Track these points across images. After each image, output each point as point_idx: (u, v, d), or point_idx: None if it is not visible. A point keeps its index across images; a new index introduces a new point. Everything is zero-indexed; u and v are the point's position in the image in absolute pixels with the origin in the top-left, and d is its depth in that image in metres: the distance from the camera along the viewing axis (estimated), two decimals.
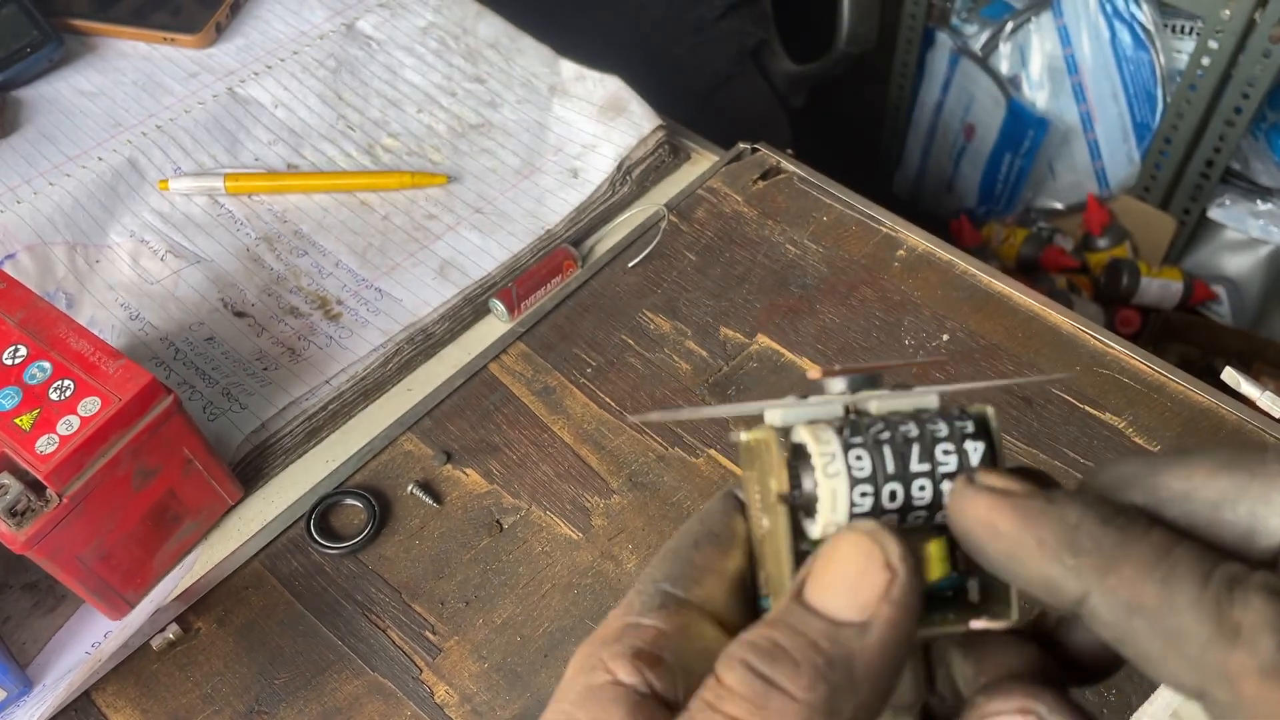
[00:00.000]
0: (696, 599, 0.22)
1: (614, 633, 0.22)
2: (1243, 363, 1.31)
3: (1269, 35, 1.17)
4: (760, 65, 1.22)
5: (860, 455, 0.22)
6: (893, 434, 0.22)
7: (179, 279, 0.64)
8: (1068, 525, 0.20)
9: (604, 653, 0.21)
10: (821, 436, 0.22)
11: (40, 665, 0.51)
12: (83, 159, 0.69)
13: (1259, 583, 0.18)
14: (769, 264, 0.66)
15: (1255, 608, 0.18)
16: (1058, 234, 1.55)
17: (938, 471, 0.22)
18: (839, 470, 0.22)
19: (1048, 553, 0.20)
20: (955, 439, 0.22)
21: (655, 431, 0.58)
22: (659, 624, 0.22)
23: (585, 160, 0.71)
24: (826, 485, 0.22)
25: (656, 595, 0.22)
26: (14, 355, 0.47)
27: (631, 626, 0.22)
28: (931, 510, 0.22)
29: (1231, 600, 0.18)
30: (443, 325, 0.63)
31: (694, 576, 0.23)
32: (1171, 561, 0.19)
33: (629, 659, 0.21)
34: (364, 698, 0.50)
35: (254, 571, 0.54)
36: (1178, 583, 0.18)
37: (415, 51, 0.78)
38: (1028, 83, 1.46)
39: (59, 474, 0.45)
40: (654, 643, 0.21)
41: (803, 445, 0.22)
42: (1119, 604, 0.19)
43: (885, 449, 0.22)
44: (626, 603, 0.22)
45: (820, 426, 0.22)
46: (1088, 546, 0.19)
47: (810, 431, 0.22)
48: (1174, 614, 0.18)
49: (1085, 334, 0.61)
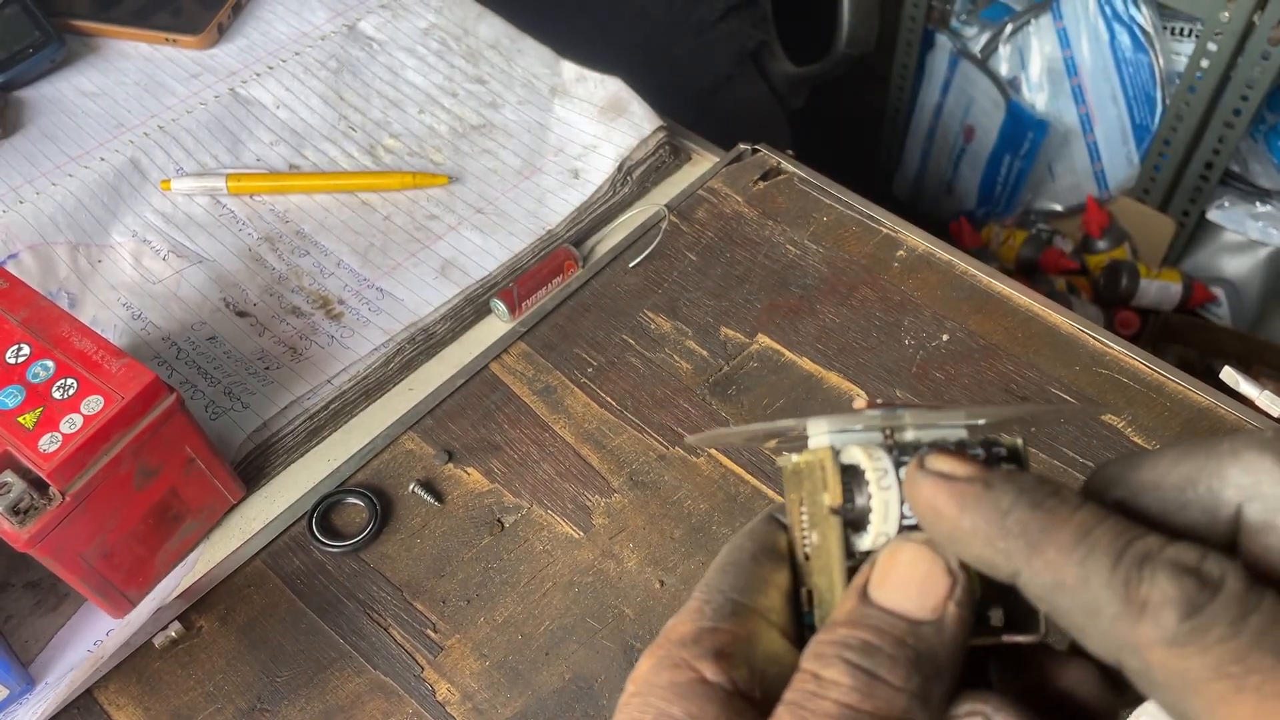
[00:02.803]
0: (761, 607, 0.24)
1: (690, 635, 0.23)
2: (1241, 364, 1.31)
3: (1268, 37, 1.17)
4: (760, 67, 1.22)
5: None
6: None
7: (181, 279, 0.64)
8: (1000, 511, 0.21)
9: (685, 653, 0.23)
10: (874, 454, 0.24)
11: (43, 663, 0.51)
12: (85, 159, 0.69)
13: (1168, 558, 0.20)
14: (769, 264, 0.66)
15: (1160, 584, 0.19)
16: (1057, 236, 1.55)
17: None
18: (891, 484, 0.24)
19: (980, 536, 0.22)
20: (992, 463, 0.24)
21: (656, 431, 0.58)
22: (733, 628, 0.23)
23: (586, 161, 0.71)
24: (880, 497, 0.23)
25: (727, 604, 0.24)
26: (17, 354, 0.47)
27: (708, 630, 0.23)
28: None
29: (1140, 577, 0.19)
30: (444, 325, 0.63)
31: (757, 587, 0.24)
32: (1090, 542, 0.20)
33: (712, 658, 0.22)
34: (365, 696, 0.50)
35: (256, 570, 0.54)
36: (1093, 563, 0.20)
37: (417, 52, 0.78)
38: (1027, 85, 1.46)
39: (62, 472, 0.45)
40: (731, 645, 0.23)
41: (854, 465, 0.24)
42: (1044, 583, 0.21)
43: None
44: (694, 609, 0.24)
45: (873, 447, 0.24)
46: (1015, 530, 0.21)
47: (864, 451, 0.24)
48: (1089, 591, 0.20)
49: (1085, 334, 0.61)
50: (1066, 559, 0.20)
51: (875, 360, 0.61)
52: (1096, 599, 0.20)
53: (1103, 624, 0.20)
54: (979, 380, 0.60)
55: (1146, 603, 0.19)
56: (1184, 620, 0.19)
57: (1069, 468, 0.55)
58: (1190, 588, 0.19)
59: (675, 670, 0.22)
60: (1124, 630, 0.19)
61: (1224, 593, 0.19)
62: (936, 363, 0.61)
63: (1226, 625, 0.18)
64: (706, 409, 0.59)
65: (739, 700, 0.22)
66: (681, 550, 0.54)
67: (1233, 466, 0.21)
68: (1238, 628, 0.18)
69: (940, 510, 0.22)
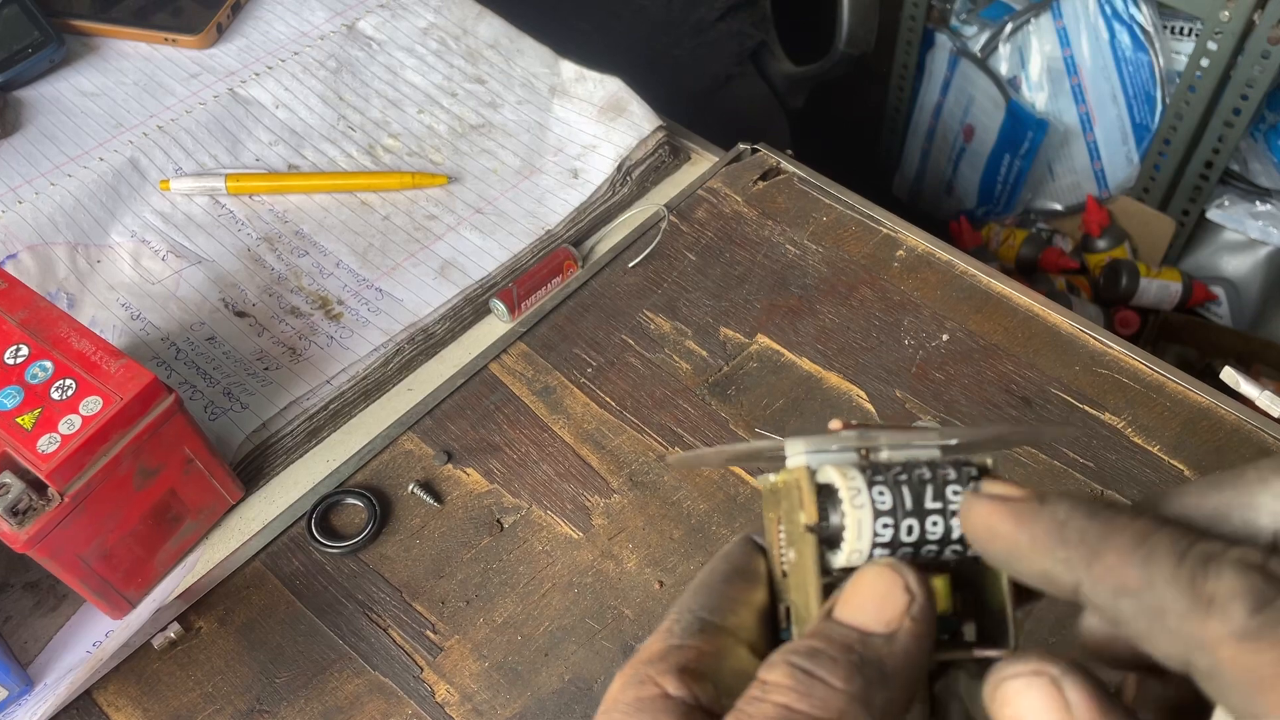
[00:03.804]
0: (731, 625, 0.25)
1: (658, 653, 0.24)
2: (1241, 364, 1.32)
3: (1268, 36, 1.17)
4: (760, 66, 1.22)
5: (883, 491, 0.24)
6: (909, 476, 0.25)
7: (180, 279, 0.64)
8: (1057, 522, 0.22)
9: (650, 670, 0.23)
10: (849, 474, 0.25)
11: (41, 664, 0.51)
12: (84, 159, 0.69)
13: (1233, 557, 0.19)
14: (769, 264, 0.66)
15: (1227, 579, 0.19)
16: (1057, 235, 1.55)
17: (948, 509, 0.25)
18: (864, 503, 0.24)
19: (1040, 548, 0.22)
20: (963, 481, 0.25)
21: (655, 431, 0.58)
22: (700, 645, 0.24)
23: (585, 161, 0.71)
24: (853, 515, 0.24)
25: (695, 622, 0.24)
26: (15, 355, 0.47)
27: (675, 648, 0.24)
28: (942, 545, 0.25)
29: (1206, 574, 0.19)
30: (443, 325, 0.63)
31: (728, 606, 0.25)
32: (1151, 545, 0.20)
33: (675, 674, 0.23)
34: (365, 697, 0.50)
35: (255, 571, 0.54)
36: (1156, 563, 0.20)
37: (416, 52, 0.78)
38: (1027, 84, 1.46)
39: (60, 473, 0.45)
40: (696, 661, 0.23)
41: (829, 484, 0.25)
42: (1107, 588, 0.21)
43: (904, 488, 0.25)
44: (665, 629, 0.25)
45: (847, 467, 0.25)
46: (1074, 539, 0.21)
47: (839, 471, 0.25)
48: (1154, 591, 0.20)
49: (1084, 334, 0.61)
50: (1128, 561, 0.20)
51: (875, 360, 0.61)
52: (1161, 598, 0.20)
53: (1170, 623, 0.19)
54: (979, 380, 0.60)
55: (1214, 598, 0.19)
56: (1254, 614, 0.18)
57: (1069, 468, 0.55)
58: (1258, 581, 0.19)
59: (640, 687, 0.23)
60: (1192, 627, 0.19)
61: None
62: (936, 363, 0.61)
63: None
64: (706, 409, 0.59)
65: (700, 714, 0.23)
66: (681, 551, 0.54)
67: (1263, 494, 0.21)
68: None
69: (996, 529, 0.23)
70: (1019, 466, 0.56)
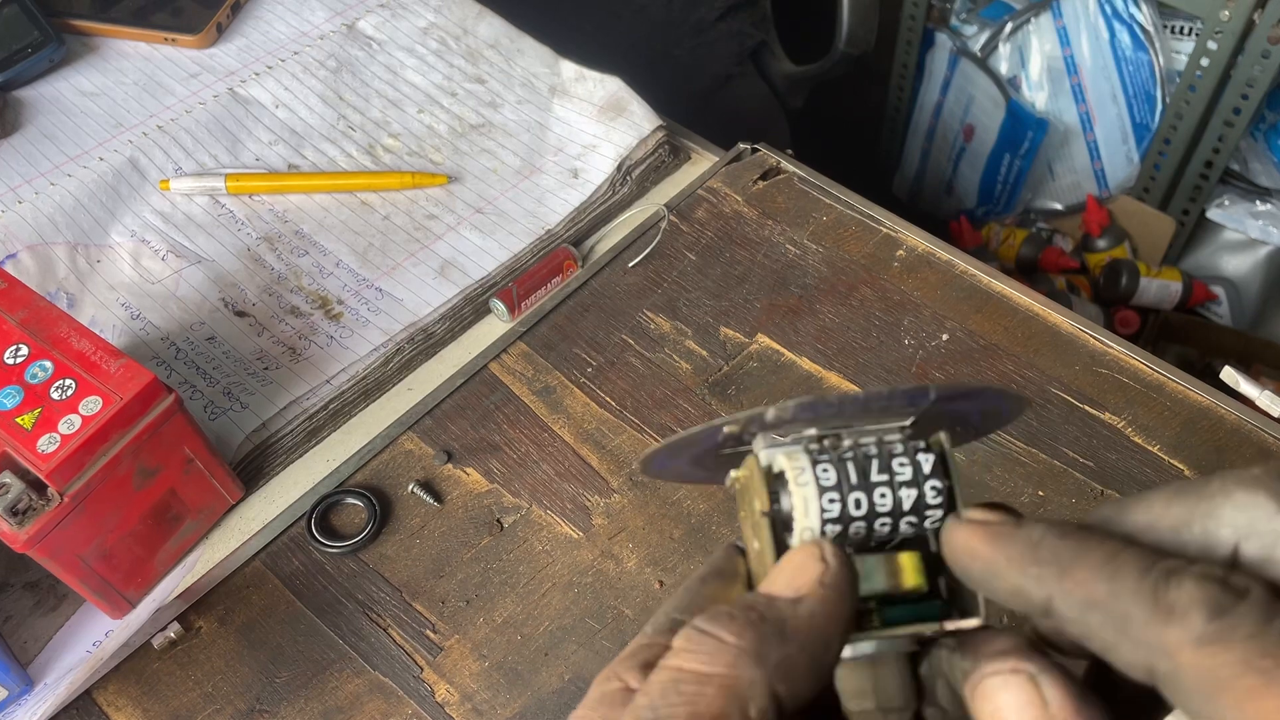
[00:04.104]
0: None
1: (629, 653, 0.25)
2: (1241, 363, 1.31)
3: (1268, 36, 1.17)
4: (760, 66, 1.22)
5: (826, 468, 0.26)
6: (855, 453, 0.26)
7: (180, 279, 0.64)
8: (1031, 543, 0.23)
9: (618, 668, 0.24)
10: (794, 457, 0.26)
11: (41, 664, 0.51)
12: (84, 159, 0.69)
13: (1194, 571, 0.21)
14: (769, 264, 0.66)
15: (1187, 589, 0.20)
16: (1057, 235, 1.55)
17: (895, 480, 0.26)
18: (808, 480, 0.25)
19: (1015, 566, 0.23)
20: (909, 454, 0.26)
21: (655, 431, 0.58)
22: (666, 641, 0.24)
23: (585, 160, 0.71)
24: (799, 494, 0.25)
25: (668, 621, 0.25)
26: (15, 355, 0.47)
27: (644, 646, 0.25)
28: (895, 517, 0.26)
29: (1168, 585, 0.20)
30: (443, 325, 0.63)
31: (700, 605, 0.26)
32: (1118, 562, 0.21)
33: (639, 669, 0.24)
34: (365, 696, 0.50)
35: (255, 571, 0.54)
36: (1122, 578, 0.21)
37: (416, 52, 0.78)
38: (1027, 84, 1.46)
39: (60, 473, 0.45)
40: (660, 656, 0.24)
41: (781, 471, 0.26)
42: (1076, 601, 0.22)
43: (848, 464, 0.26)
44: (641, 632, 0.25)
45: (793, 451, 0.26)
46: (1048, 558, 0.23)
47: (785, 454, 0.26)
48: (1119, 603, 0.21)
49: (1084, 334, 0.61)
50: (1096, 576, 0.21)
51: (875, 360, 0.61)
52: (1126, 609, 0.21)
53: (1133, 631, 0.20)
54: (979, 380, 0.60)
55: (1174, 606, 0.20)
56: (1211, 620, 0.19)
57: (1069, 468, 0.55)
58: (1216, 591, 0.20)
59: (607, 683, 0.24)
60: (1153, 635, 0.20)
61: (1251, 596, 0.19)
62: (936, 362, 0.61)
63: (1253, 624, 0.19)
64: (706, 409, 0.59)
65: None
66: (681, 550, 0.54)
67: (1225, 506, 0.22)
68: (1264, 626, 0.19)
69: (976, 550, 0.24)
70: (1018, 466, 0.56)
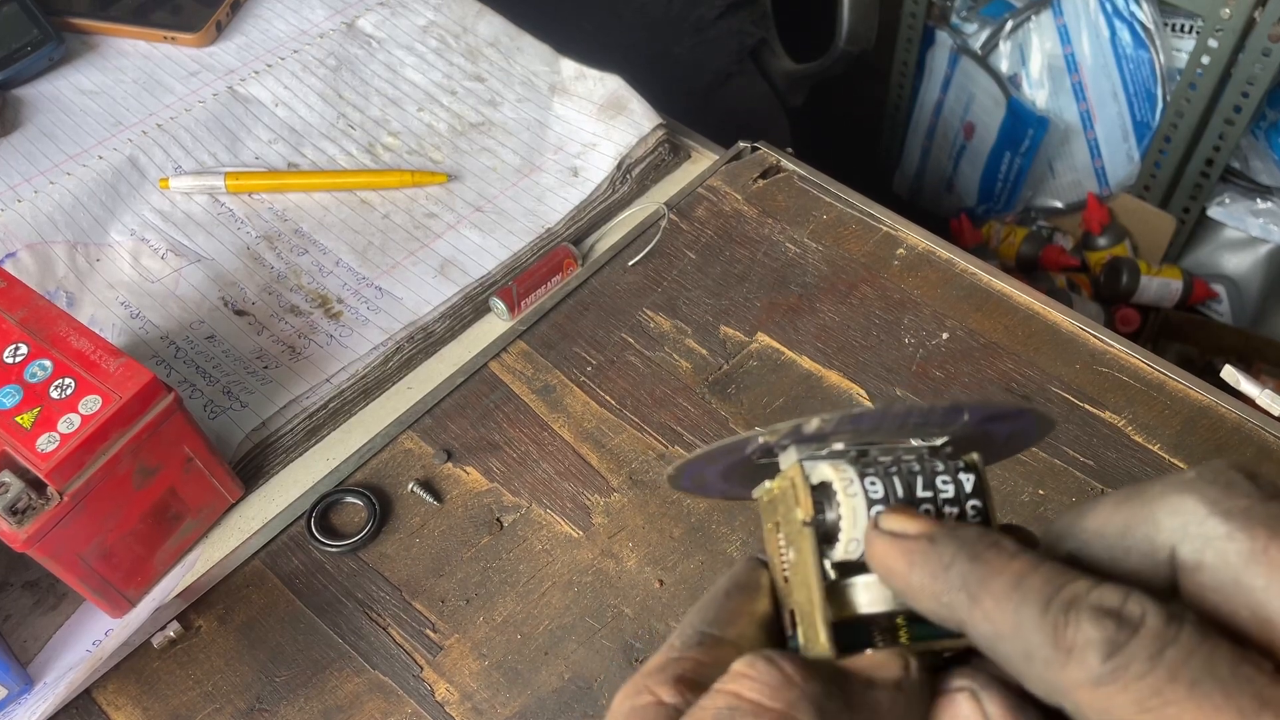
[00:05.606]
0: (731, 637, 0.25)
1: (657, 666, 0.24)
2: (1242, 362, 1.32)
3: (1269, 34, 1.17)
4: (760, 64, 1.22)
5: (874, 481, 0.25)
6: (899, 468, 0.26)
7: (179, 277, 0.64)
8: (942, 566, 0.23)
9: (648, 681, 0.24)
10: (840, 467, 0.26)
11: (41, 663, 0.51)
12: (83, 158, 0.69)
13: (1091, 604, 0.20)
14: (769, 262, 0.66)
15: (1084, 629, 0.20)
16: (1057, 233, 1.55)
17: (939, 498, 0.26)
18: (857, 491, 0.25)
19: (927, 593, 0.23)
20: (951, 472, 0.26)
21: (655, 430, 0.58)
22: (698, 656, 0.24)
23: (585, 159, 0.71)
24: (848, 504, 0.25)
25: (695, 635, 0.25)
26: (15, 354, 0.47)
27: (673, 660, 0.24)
28: None
29: (1066, 622, 0.20)
30: (443, 324, 0.63)
31: (727, 619, 0.25)
32: (1023, 591, 0.21)
33: (672, 684, 0.24)
34: (365, 695, 0.50)
35: (255, 569, 0.54)
36: (1025, 610, 0.21)
37: (415, 50, 0.78)
38: (1027, 81, 1.46)
39: (60, 472, 0.45)
40: (694, 671, 0.24)
41: (824, 482, 0.25)
42: (986, 633, 0.22)
43: (894, 478, 0.26)
44: (667, 645, 0.25)
45: (838, 462, 0.26)
46: (956, 584, 0.22)
47: (831, 466, 0.26)
48: (1023, 638, 0.21)
49: (1085, 333, 0.61)
50: (1002, 608, 0.21)
51: (875, 359, 0.61)
52: (1030, 645, 0.21)
53: (1037, 668, 0.21)
54: (979, 379, 0.60)
55: (1073, 646, 0.20)
56: (1105, 660, 0.19)
57: (1070, 467, 0.55)
58: (1110, 628, 0.20)
59: (637, 697, 0.24)
60: (1054, 675, 0.20)
61: (1143, 630, 0.20)
62: (936, 361, 0.61)
63: (1144, 661, 0.19)
64: (706, 408, 0.59)
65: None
66: (681, 550, 0.54)
67: (1161, 510, 0.22)
68: (1154, 663, 0.19)
69: (892, 568, 0.24)
70: (1018, 464, 0.56)
